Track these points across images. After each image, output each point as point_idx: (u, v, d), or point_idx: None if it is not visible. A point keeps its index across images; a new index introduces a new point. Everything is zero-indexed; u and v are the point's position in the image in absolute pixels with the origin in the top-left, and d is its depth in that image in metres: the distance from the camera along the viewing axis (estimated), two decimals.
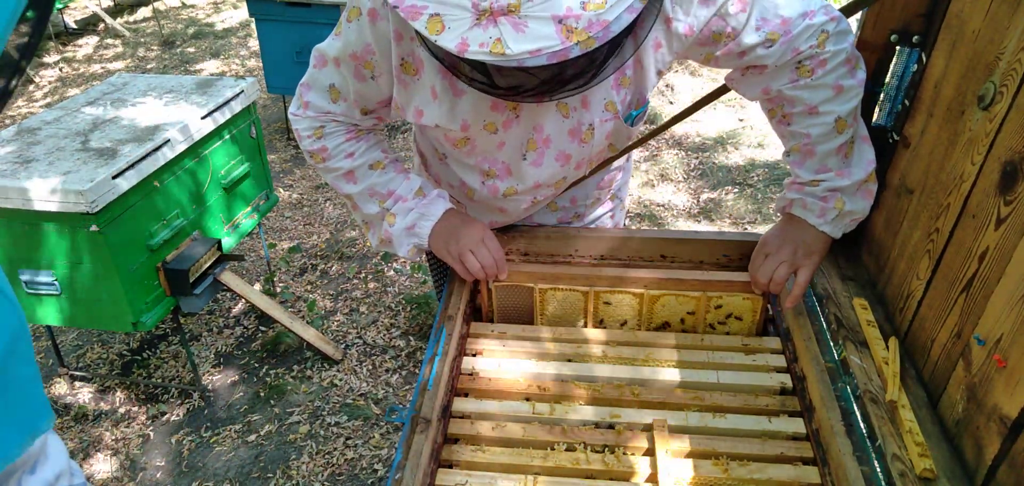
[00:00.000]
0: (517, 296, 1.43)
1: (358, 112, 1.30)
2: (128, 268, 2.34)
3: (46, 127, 2.56)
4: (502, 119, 1.23)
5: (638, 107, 1.29)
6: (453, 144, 1.30)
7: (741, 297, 1.36)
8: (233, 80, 2.89)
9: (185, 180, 2.59)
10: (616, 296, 1.38)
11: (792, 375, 1.26)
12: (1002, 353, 0.96)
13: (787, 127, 1.29)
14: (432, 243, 1.35)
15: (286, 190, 4.31)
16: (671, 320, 1.41)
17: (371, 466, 2.52)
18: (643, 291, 1.37)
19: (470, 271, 1.34)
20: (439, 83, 1.18)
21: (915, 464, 1.02)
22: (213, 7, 8.05)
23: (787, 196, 1.33)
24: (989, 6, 1.08)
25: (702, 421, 1.18)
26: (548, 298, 1.41)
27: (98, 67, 6.39)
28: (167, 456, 2.61)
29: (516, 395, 1.26)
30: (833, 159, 1.26)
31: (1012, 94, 0.99)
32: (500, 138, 1.26)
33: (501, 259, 1.36)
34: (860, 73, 1.21)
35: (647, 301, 1.38)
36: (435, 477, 1.10)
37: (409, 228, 1.35)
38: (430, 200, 1.36)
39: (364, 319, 3.22)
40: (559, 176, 1.34)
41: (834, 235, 1.30)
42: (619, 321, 1.42)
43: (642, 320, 1.41)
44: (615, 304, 1.40)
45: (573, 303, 1.41)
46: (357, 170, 1.35)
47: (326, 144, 1.33)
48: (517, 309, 1.45)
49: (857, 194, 1.28)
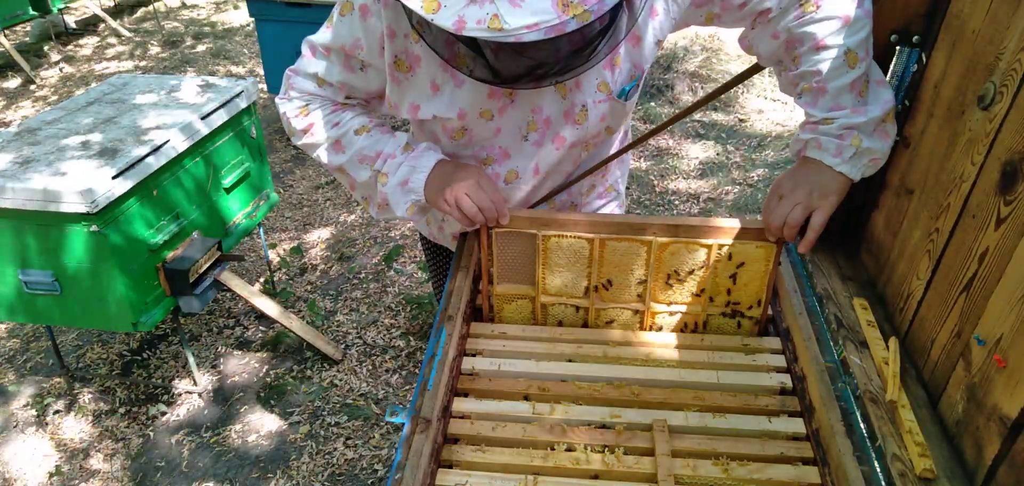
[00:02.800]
0: (519, 246, 1.37)
1: (342, 97, 1.33)
2: (128, 268, 2.34)
3: (46, 127, 2.56)
4: (498, 106, 1.24)
5: (631, 80, 1.29)
6: (450, 136, 1.31)
7: (754, 245, 1.30)
8: (233, 80, 2.89)
9: (185, 180, 2.59)
10: (623, 244, 1.32)
11: (792, 375, 1.26)
12: (1002, 353, 0.96)
13: (797, 71, 1.24)
14: (428, 194, 1.30)
15: (286, 190, 4.31)
16: (681, 271, 1.35)
17: (371, 466, 2.52)
18: (652, 239, 1.31)
19: (468, 215, 1.27)
20: (440, 75, 1.20)
21: (915, 464, 1.02)
22: (214, 7, 8.05)
23: (801, 137, 1.26)
24: (989, 6, 1.08)
25: (702, 421, 1.18)
26: (551, 248, 1.35)
27: (99, 67, 6.39)
28: (167, 456, 2.61)
29: (516, 395, 1.26)
30: (847, 96, 1.20)
31: (1012, 94, 0.99)
32: (496, 124, 1.28)
33: (500, 200, 1.29)
34: (867, 3, 1.18)
35: (655, 250, 1.32)
36: (435, 477, 1.10)
37: (403, 184, 1.31)
38: (419, 153, 1.32)
39: (364, 319, 3.22)
40: (555, 158, 1.34)
41: (852, 176, 1.22)
42: (627, 272, 1.36)
43: (649, 271, 1.34)
44: (623, 253, 1.33)
45: (578, 252, 1.34)
46: (343, 138, 1.32)
47: (312, 119, 1.32)
48: (519, 261, 1.39)
49: (874, 133, 1.21)
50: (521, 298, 1.42)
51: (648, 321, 1.40)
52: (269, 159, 4.28)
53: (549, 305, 1.42)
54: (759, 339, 1.37)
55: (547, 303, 1.41)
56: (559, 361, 1.32)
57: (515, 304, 1.44)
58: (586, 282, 1.38)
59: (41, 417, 2.80)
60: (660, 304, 1.38)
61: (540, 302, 1.41)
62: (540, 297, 1.40)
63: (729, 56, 5.70)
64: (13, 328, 3.27)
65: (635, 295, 1.38)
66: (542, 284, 1.39)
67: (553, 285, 1.39)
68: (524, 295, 1.42)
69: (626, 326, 1.42)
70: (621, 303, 1.39)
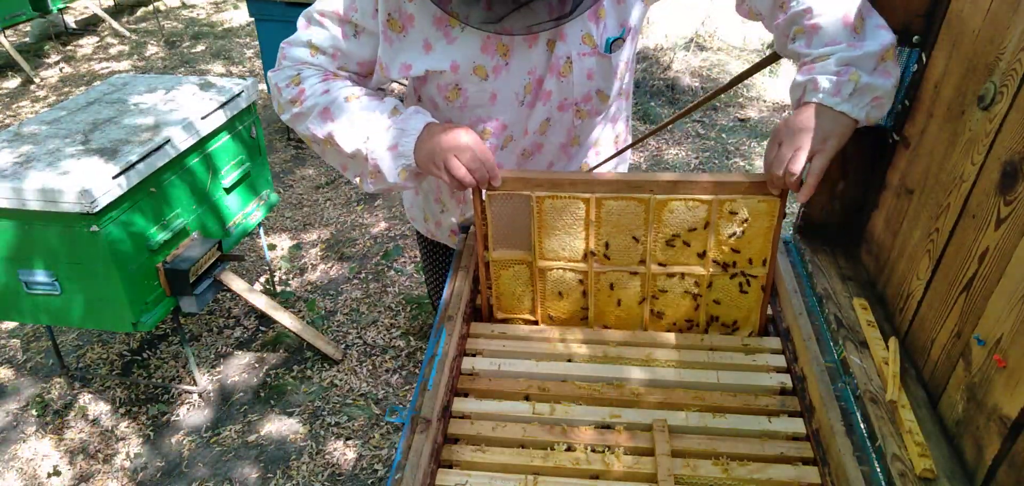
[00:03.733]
0: (513, 210, 1.33)
1: (335, 66, 1.32)
2: (128, 268, 2.34)
3: (47, 127, 2.56)
4: (492, 64, 1.25)
5: (616, 32, 1.29)
6: (445, 97, 1.31)
7: (756, 199, 1.25)
8: (233, 80, 2.89)
9: (185, 180, 2.59)
10: (621, 203, 1.28)
11: (792, 375, 1.26)
12: (1002, 353, 0.96)
13: (788, 14, 1.21)
14: (417, 159, 1.27)
15: (286, 190, 4.31)
16: (681, 232, 1.30)
17: (371, 466, 2.52)
18: (649, 196, 1.26)
19: (457, 177, 1.23)
20: (433, 33, 1.22)
21: (915, 464, 1.02)
22: (214, 7, 8.05)
23: (797, 80, 1.19)
24: (989, 6, 1.08)
25: (702, 421, 1.18)
26: (546, 210, 1.31)
27: (99, 67, 6.39)
28: (167, 456, 2.61)
29: (516, 395, 1.26)
30: (842, 32, 1.15)
31: (1012, 94, 0.99)
32: (491, 87, 1.28)
33: (490, 161, 1.24)
34: None
35: (654, 208, 1.28)
36: (435, 477, 1.10)
37: (392, 148, 1.27)
38: (408, 115, 1.28)
39: (364, 319, 3.22)
40: (543, 116, 1.35)
41: (855, 115, 1.13)
42: (626, 233, 1.31)
43: (649, 229, 1.30)
44: (619, 213, 1.29)
45: (574, 213, 1.30)
46: (332, 105, 1.28)
47: (303, 87, 1.30)
48: (514, 225, 1.34)
49: (875, 71, 1.14)
50: (518, 264, 1.38)
51: (649, 286, 1.36)
52: (269, 159, 4.28)
53: (547, 270, 1.38)
54: (759, 339, 1.37)
55: (545, 268, 1.37)
56: (559, 361, 1.32)
57: (512, 270, 1.40)
58: (584, 246, 1.34)
59: (41, 417, 2.80)
60: (661, 267, 1.34)
61: (537, 266, 1.37)
62: (537, 261, 1.36)
63: (729, 56, 5.70)
64: (13, 328, 3.27)
65: (635, 258, 1.34)
66: (539, 248, 1.35)
67: (550, 249, 1.35)
68: (521, 261, 1.38)
69: (626, 290, 1.38)
70: (621, 266, 1.35)
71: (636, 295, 1.38)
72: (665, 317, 1.40)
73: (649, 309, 1.39)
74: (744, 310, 1.37)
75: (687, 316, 1.39)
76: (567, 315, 1.43)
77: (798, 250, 1.52)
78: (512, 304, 1.44)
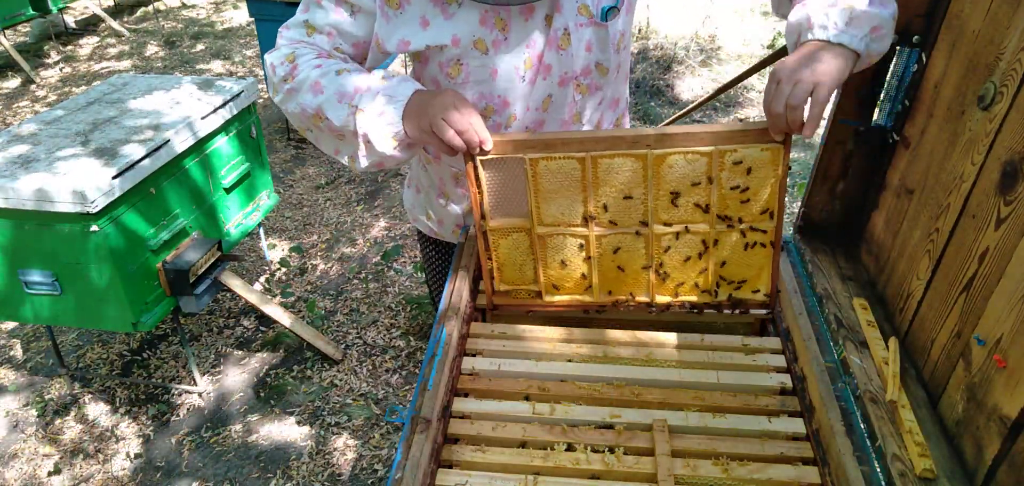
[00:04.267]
0: (508, 175, 1.29)
1: (330, 47, 1.33)
2: (128, 268, 2.34)
3: (47, 127, 2.56)
4: (491, 37, 1.26)
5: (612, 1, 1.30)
6: (447, 73, 1.32)
7: (759, 148, 1.20)
8: (233, 80, 2.89)
9: (185, 180, 2.59)
10: (617, 161, 1.23)
11: (792, 375, 1.26)
12: (1002, 353, 0.96)
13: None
14: (407, 127, 1.24)
15: (286, 190, 4.31)
16: (681, 189, 1.24)
17: (371, 466, 2.52)
18: (647, 151, 1.21)
19: (446, 140, 1.19)
20: (430, 10, 1.24)
21: (915, 464, 1.02)
22: (214, 7, 8.05)
23: (792, 22, 1.17)
24: (989, 6, 1.08)
25: (702, 421, 1.18)
26: (541, 173, 1.26)
27: (99, 67, 6.39)
28: (167, 456, 2.61)
29: (516, 395, 1.26)
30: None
31: (1012, 94, 0.99)
32: (492, 63, 1.29)
33: (480, 124, 1.21)
34: None
35: (652, 164, 1.23)
36: (435, 477, 1.10)
37: (380, 115, 1.25)
38: (396, 83, 1.26)
39: (364, 319, 3.22)
40: (544, 92, 1.36)
41: (854, 47, 1.09)
42: (622, 193, 1.26)
43: (648, 189, 1.25)
44: (616, 170, 1.24)
45: (569, 174, 1.26)
46: (323, 78, 1.27)
47: (297, 63, 1.30)
48: (510, 192, 1.30)
49: (871, 2, 1.10)
50: (517, 232, 1.34)
51: (653, 248, 1.31)
52: (269, 159, 4.28)
53: (546, 237, 1.33)
54: (759, 339, 1.37)
55: (544, 234, 1.33)
56: (559, 361, 1.32)
57: (511, 239, 1.35)
58: (583, 209, 1.29)
59: (41, 417, 2.80)
60: (664, 227, 1.29)
61: (536, 233, 1.32)
62: (536, 228, 1.32)
63: (729, 56, 5.70)
64: (13, 328, 3.27)
65: (637, 218, 1.29)
66: (536, 214, 1.30)
67: (548, 214, 1.30)
68: (519, 228, 1.33)
69: (630, 253, 1.33)
70: (623, 228, 1.30)
71: (641, 258, 1.33)
72: (670, 280, 1.35)
73: (654, 272, 1.34)
74: (754, 268, 1.32)
75: (694, 279, 1.34)
76: (571, 283, 1.39)
77: (798, 250, 1.52)
78: (514, 275, 1.40)
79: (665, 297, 1.37)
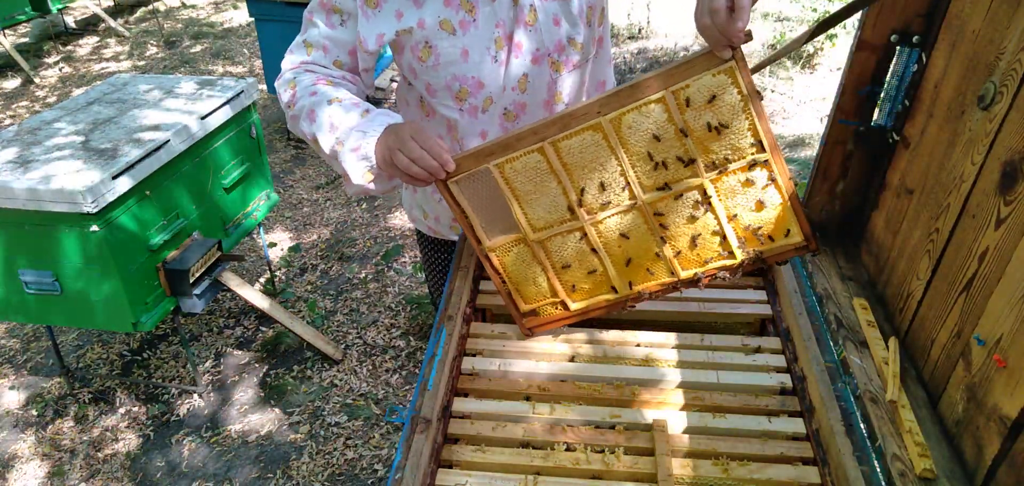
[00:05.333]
0: (486, 190, 1.25)
1: (330, 63, 1.38)
2: (128, 268, 2.34)
3: (46, 127, 2.56)
4: (458, 18, 1.29)
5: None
6: (419, 57, 1.34)
7: (710, 74, 1.11)
8: (233, 80, 2.89)
9: (185, 180, 2.59)
10: (577, 139, 1.18)
11: (792, 375, 1.26)
12: (1002, 353, 0.96)
13: None
14: (378, 161, 1.25)
15: (286, 190, 4.31)
16: (654, 149, 1.18)
17: (371, 466, 2.52)
18: (599, 118, 1.16)
19: (403, 170, 1.20)
20: (405, 4, 1.29)
21: (915, 464, 1.02)
22: (213, 7, 8.05)
23: None
24: (989, 6, 1.08)
25: (702, 421, 1.18)
26: (511, 177, 1.23)
27: (98, 67, 6.39)
28: (167, 456, 2.61)
29: (516, 395, 1.26)
30: None
31: (1012, 94, 0.99)
32: (461, 43, 1.31)
33: (436, 147, 1.19)
34: None
35: (612, 131, 1.17)
36: (435, 477, 1.10)
37: (355, 150, 1.27)
38: (372, 117, 1.28)
39: (364, 319, 3.22)
40: (520, 71, 1.37)
41: None
42: (601, 170, 1.21)
43: (620, 157, 1.19)
44: (583, 150, 1.19)
45: (537, 169, 1.21)
46: (317, 107, 1.31)
47: (296, 88, 1.35)
48: (495, 206, 1.27)
49: None
50: (517, 245, 1.30)
51: (653, 221, 1.25)
52: (269, 159, 4.28)
53: (544, 241, 1.29)
54: (759, 339, 1.37)
55: (541, 239, 1.28)
56: (559, 361, 1.32)
57: (514, 254, 1.31)
58: (565, 200, 1.24)
59: (41, 417, 2.80)
60: (654, 193, 1.22)
61: (532, 240, 1.28)
62: (530, 235, 1.28)
63: None
64: (13, 328, 3.27)
65: (624, 193, 1.23)
66: (525, 221, 1.26)
67: (537, 217, 1.26)
68: (517, 241, 1.30)
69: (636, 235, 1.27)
70: (615, 207, 1.24)
71: (647, 237, 1.27)
72: (691, 252, 1.27)
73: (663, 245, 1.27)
74: (774, 213, 1.23)
75: (714, 245, 1.26)
76: (590, 283, 1.32)
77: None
78: (532, 291, 1.34)
79: (690, 270, 1.29)
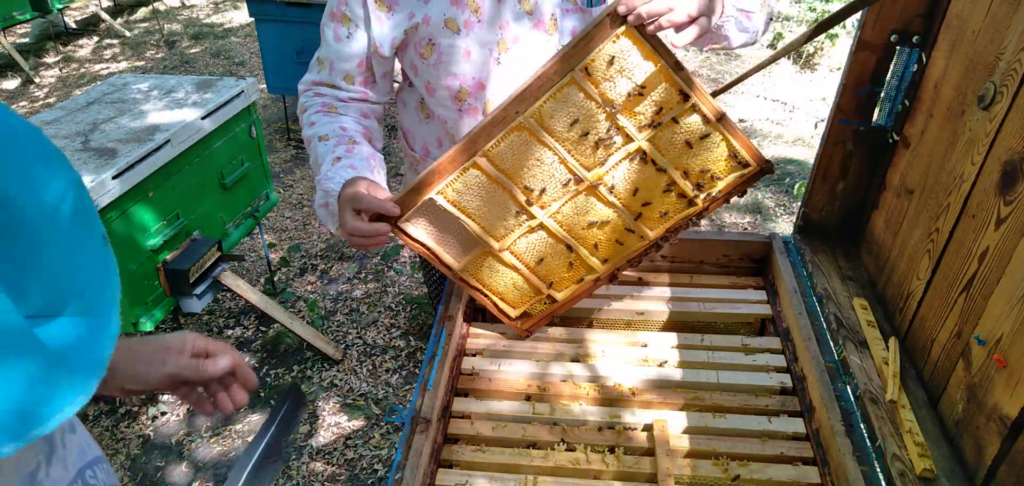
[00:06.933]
0: (436, 218, 1.22)
1: (340, 78, 1.37)
2: (128, 268, 2.34)
3: (46, 127, 2.56)
4: (463, 18, 1.28)
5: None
6: (420, 54, 1.33)
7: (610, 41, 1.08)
8: (233, 80, 2.89)
9: (185, 180, 2.59)
10: (504, 144, 1.14)
11: (792, 375, 1.26)
12: (1002, 353, 0.96)
13: None
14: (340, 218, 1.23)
15: (286, 190, 4.31)
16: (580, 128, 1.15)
17: (371, 466, 2.52)
18: (518, 116, 1.12)
19: (354, 237, 1.18)
20: (416, 3, 1.29)
21: (915, 464, 1.02)
22: (213, 7, 8.05)
23: None
24: (989, 6, 1.08)
25: (702, 421, 1.18)
26: (456, 198, 1.19)
27: (98, 67, 6.39)
28: (167, 456, 2.61)
29: (516, 395, 1.26)
30: None
31: (1012, 94, 0.99)
32: (465, 43, 1.30)
33: (374, 203, 1.15)
34: None
35: (535, 125, 1.13)
36: (435, 477, 1.10)
37: (323, 205, 1.27)
38: (337, 170, 1.25)
39: (364, 319, 3.22)
40: None
41: None
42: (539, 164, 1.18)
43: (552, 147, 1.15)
44: (513, 153, 1.16)
45: (479, 182, 1.18)
46: (311, 140, 1.35)
47: (306, 115, 1.39)
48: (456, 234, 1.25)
49: None
50: (486, 258, 1.28)
51: (606, 196, 1.23)
52: (269, 159, 4.28)
53: (511, 247, 1.26)
54: (759, 339, 1.37)
55: (507, 246, 1.26)
56: (559, 361, 1.32)
57: (486, 266, 1.30)
58: (515, 203, 1.21)
59: None
60: (598, 169, 1.19)
61: (498, 250, 1.26)
62: (495, 246, 1.25)
63: (728, 56, 5.70)
64: None
65: (570, 178, 1.20)
66: (486, 233, 1.24)
67: (495, 227, 1.24)
68: (485, 254, 1.28)
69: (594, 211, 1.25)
70: (567, 193, 1.21)
71: (607, 214, 1.25)
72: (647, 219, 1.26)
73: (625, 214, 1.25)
74: (720, 151, 1.20)
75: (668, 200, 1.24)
76: (567, 272, 1.32)
77: (798, 250, 1.52)
78: (518, 296, 1.35)
79: (659, 229, 1.28)
